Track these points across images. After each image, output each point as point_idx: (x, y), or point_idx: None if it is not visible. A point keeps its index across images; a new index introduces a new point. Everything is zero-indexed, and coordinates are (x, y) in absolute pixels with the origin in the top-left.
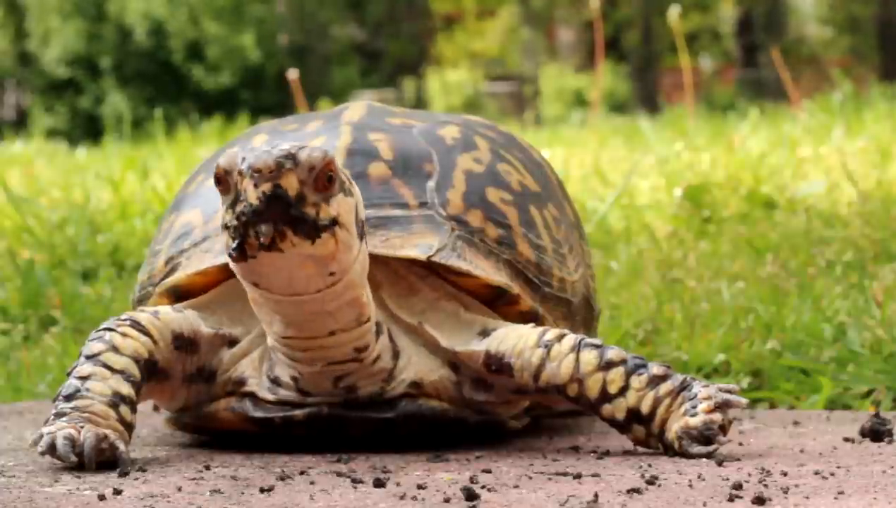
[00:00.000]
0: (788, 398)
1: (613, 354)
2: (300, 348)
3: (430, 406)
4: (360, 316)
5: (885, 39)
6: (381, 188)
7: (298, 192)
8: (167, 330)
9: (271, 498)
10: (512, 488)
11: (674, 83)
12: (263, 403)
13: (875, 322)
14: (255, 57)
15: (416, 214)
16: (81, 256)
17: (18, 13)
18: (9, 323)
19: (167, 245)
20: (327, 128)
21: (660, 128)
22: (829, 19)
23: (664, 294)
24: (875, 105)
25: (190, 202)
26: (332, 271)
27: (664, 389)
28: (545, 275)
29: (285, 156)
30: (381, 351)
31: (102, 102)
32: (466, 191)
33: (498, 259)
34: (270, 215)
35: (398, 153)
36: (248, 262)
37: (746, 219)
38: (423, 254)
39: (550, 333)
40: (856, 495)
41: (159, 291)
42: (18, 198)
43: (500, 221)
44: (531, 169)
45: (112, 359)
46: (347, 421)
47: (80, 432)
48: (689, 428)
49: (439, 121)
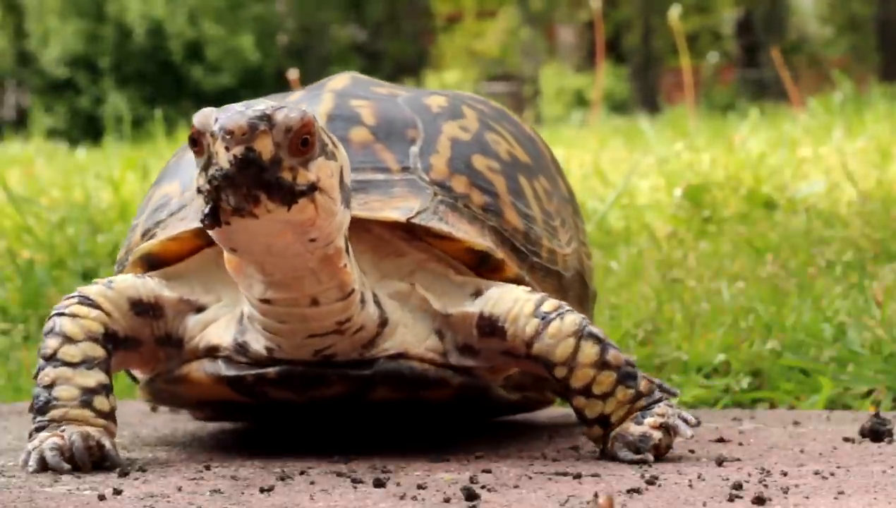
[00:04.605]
0: (788, 398)
1: (612, 356)
2: (280, 318)
3: (410, 365)
4: (343, 285)
5: (885, 39)
6: (362, 152)
7: (273, 156)
8: (122, 298)
9: (271, 498)
10: (512, 488)
11: (674, 83)
12: (235, 363)
13: (875, 322)
14: (255, 57)
15: (398, 178)
16: (81, 256)
17: (17, 13)
18: (9, 323)
19: (144, 218)
20: (310, 96)
21: (660, 129)
22: (829, 19)
23: (664, 294)
24: (875, 105)
25: (170, 175)
26: (313, 237)
27: (638, 405)
28: (533, 245)
29: (259, 117)
30: (365, 321)
31: (102, 102)
32: (451, 157)
33: (483, 225)
34: (242, 180)
35: (381, 119)
36: (223, 228)
37: (746, 219)
38: (403, 216)
39: (548, 304)
40: (856, 495)
41: (132, 260)
42: (18, 198)
43: (486, 188)
44: (522, 141)
45: (69, 353)
46: (323, 378)
47: (65, 436)
48: (627, 433)
49: (426, 93)
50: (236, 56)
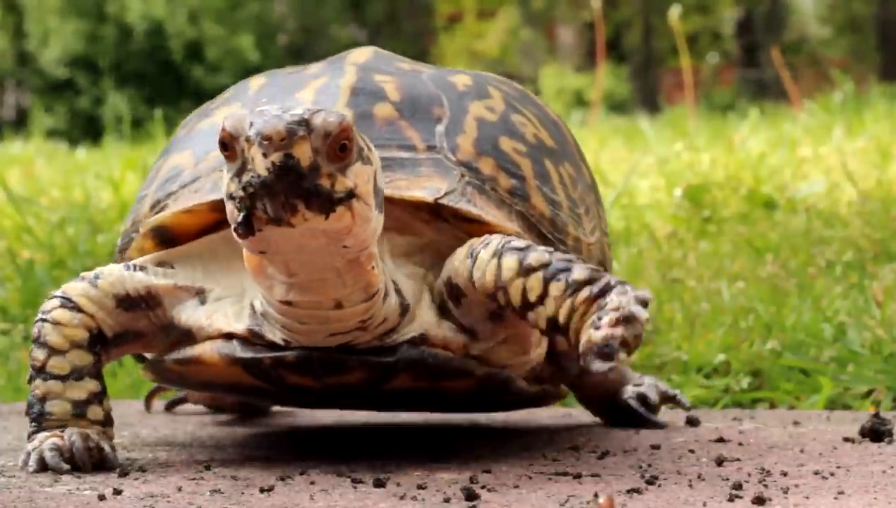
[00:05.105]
0: (788, 398)
1: (535, 258)
2: (301, 319)
3: (434, 353)
4: (369, 287)
5: (885, 39)
6: (386, 129)
7: (312, 162)
8: (107, 296)
9: (271, 498)
10: (512, 488)
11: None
12: (251, 345)
13: (875, 322)
14: (255, 57)
15: (424, 157)
16: (81, 256)
17: (17, 13)
18: (9, 323)
19: (154, 189)
20: (331, 69)
21: (660, 129)
22: (829, 19)
23: (664, 294)
24: (875, 105)
25: (180, 145)
26: (347, 245)
27: (581, 296)
28: (560, 233)
29: (298, 122)
30: (388, 313)
31: (102, 102)
32: (478, 137)
33: (510, 210)
34: (281, 188)
35: (406, 95)
36: (256, 236)
37: (746, 219)
38: (431, 196)
39: (478, 240)
40: (856, 495)
41: (143, 231)
42: (18, 198)
43: (513, 172)
44: (547, 125)
45: (57, 366)
46: (343, 364)
47: (65, 437)
48: (592, 343)
49: (450, 71)
50: (236, 56)
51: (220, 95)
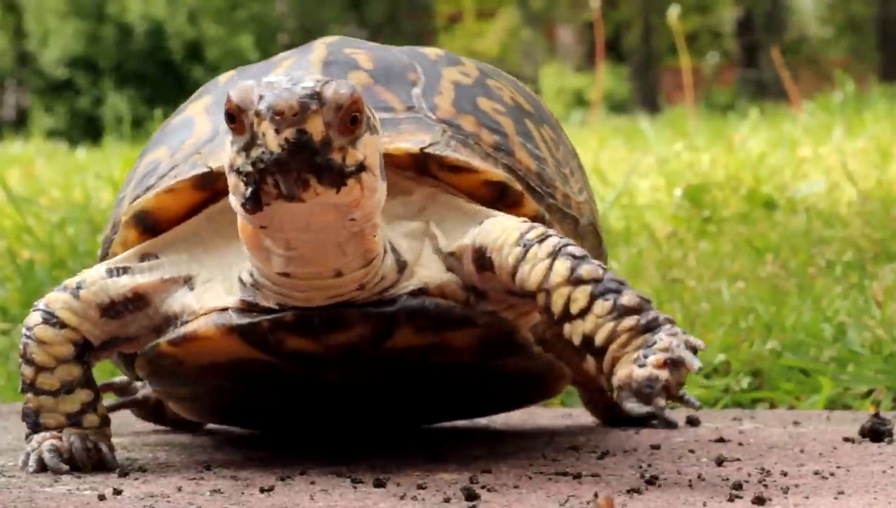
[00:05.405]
0: (788, 398)
1: (587, 270)
2: (299, 289)
3: (434, 301)
4: (368, 253)
5: (885, 39)
6: (362, 94)
7: (324, 137)
8: (90, 307)
9: (271, 498)
10: (512, 488)
11: (674, 83)
12: (247, 313)
13: (875, 322)
14: (255, 57)
15: (404, 116)
16: (81, 256)
17: (17, 13)
18: (9, 323)
19: (131, 188)
20: (299, 51)
21: (660, 128)
22: (829, 19)
23: (664, 294)
24: (875, 105)
25: (155, 144)
26: (354, 217)
27: (625, 324)
28: (548, 187)
29: (310, 95)
30: (385, 272)
31: (102, 103)
32: (455, 98)
33: (496, 162)
34: (294, 164)
35: (378, 64)
36: (263, 211)
37: (746, 219)
38: (416, 147)
39: (534, 231)
40: (856, 495)
41: (125, 220)
42: (18, 198)
43: (494, 128)
44: (523, 93)
45: (47, 382)
46: (343, 319)
47: (64, 438)
48: (630, 380)
49: (420, 47)
50: (236, 56)
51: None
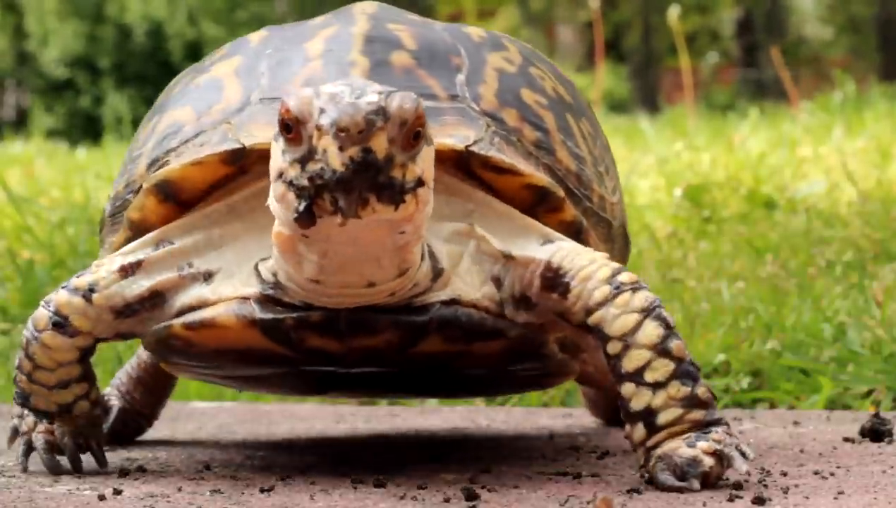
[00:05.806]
0: (788, 398)
1: (675, 346)
2: (328, 295)
3: (467, 312)
4: (404, 263)
5: (885, 39)
6: (405, 77)
7: (387, 154)
8: (104, 311)
9: (271, 498)
10: (512, 488)
11: (674, 83)
12: (270, 307)
13: (875, 322)
14: None
15: (447, 106)
16: (81, 256)
17: (17, 13)
18: (9, 323)
19: (150, 147)
20: (338, 19)
21: (660, 128)
22: (829, 19)
23: (664, 294)
24: (875, 105)
25: (177, 101)
26: (404, 231)
27: (693, 415)
28: (585, 189)
29: (375, 112)
30: (419, 278)
31: (102, 103)
32: (499, 88)
33: (538, 162)
34: (357, 183)
35: (422, 44)
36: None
37: (746, 219)
38: (461, 144)
39: (625, 275)
40: (856, 495)
41: (146, 187)
42: (18, 198)
43: (537, 124)
44: (562, 81)
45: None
46: (371, 324)
47: (56, 434)
48: (674, 454)
49: (462, 25)
50: None
51: (215, 51)
